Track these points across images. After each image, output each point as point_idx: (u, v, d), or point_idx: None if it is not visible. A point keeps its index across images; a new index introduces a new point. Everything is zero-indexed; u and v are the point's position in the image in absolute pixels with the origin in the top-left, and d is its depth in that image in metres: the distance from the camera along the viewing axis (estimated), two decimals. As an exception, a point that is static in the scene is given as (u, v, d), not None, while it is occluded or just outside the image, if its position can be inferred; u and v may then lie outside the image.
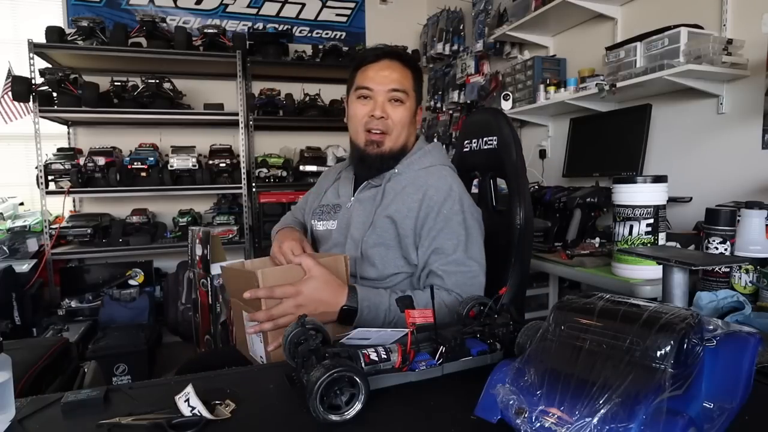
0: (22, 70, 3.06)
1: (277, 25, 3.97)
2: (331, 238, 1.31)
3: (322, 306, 1.02)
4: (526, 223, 1.31)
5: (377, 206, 1.24)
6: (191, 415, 0.64)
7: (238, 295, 1.10)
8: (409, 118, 1.26)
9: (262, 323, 0.99)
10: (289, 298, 0.99)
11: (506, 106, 2.86)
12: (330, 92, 3.83)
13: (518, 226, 1.30)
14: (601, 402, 0.52)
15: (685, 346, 0.54)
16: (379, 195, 1.25)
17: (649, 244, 1.44)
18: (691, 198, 2.01)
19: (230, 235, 3.47)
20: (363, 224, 1.24)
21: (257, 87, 3.70)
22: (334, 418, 0.63)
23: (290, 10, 4.03)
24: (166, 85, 3.33)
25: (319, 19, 4.11)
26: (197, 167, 3.38)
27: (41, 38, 3.07)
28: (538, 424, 0.55)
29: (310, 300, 1.01)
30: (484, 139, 1.45)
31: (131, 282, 3.27)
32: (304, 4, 4.05)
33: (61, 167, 3.12)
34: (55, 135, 3.46)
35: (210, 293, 2.11)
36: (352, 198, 1.31)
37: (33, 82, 3.02)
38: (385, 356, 0.73)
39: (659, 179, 1.47)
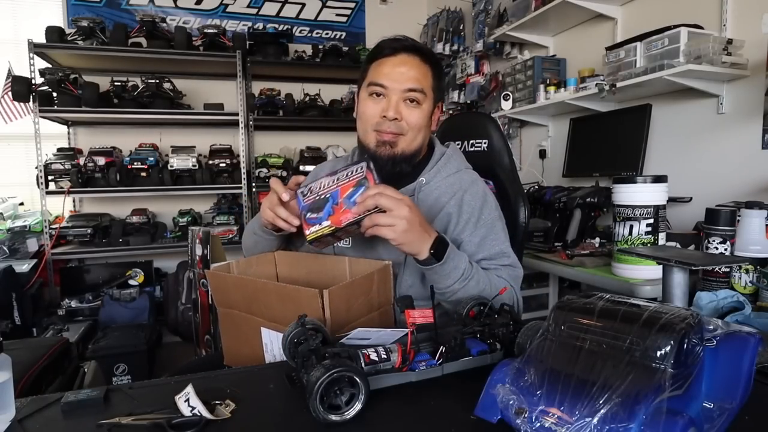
0: (22, 70, 3.05)
1: (277, 25, 3.97)
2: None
3: (423, 226, 0.97)
4: (525, 225, 1.34)
5: None
6: (191, 415, 0.63)
7: (231, 305, 1.06)
8: (426, 120, 1.17)
9: (365, 198, 0.93)
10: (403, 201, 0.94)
11: (506, 106, 2.86)
12: (330, 92, 3.84)
13: (522, 224, 1.33)
14: (601, 402, 0.52)
15: (685, 346, 0.54)
16: None
17: (649, 244, 1.45)
18: (691, 198, 2.01)
19: (230, 235, 3.47)
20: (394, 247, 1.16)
21: (257, 87, 3.70)
22: (334, 418, 0.63)
23: (290, 10, 4.03)
24: (166, 85, 3.33)
25: (319, 19, 4.11)
26: (197, 167, 3.37)
27: (41, 38, 3.07)
28: (538, 424, 0.55)
29: (417, 215, 0.96)
30: (471, 141, 1.45)
31: (131, 282, 3.27)
32: (304, 4, 4.05)
33: (61, 167, 3.12)
34: (55, 135, 3.46)
35: (210, 293, 2.11)
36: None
37: (33, 82, 3.02)
38: (385, 356, 0.73)
39: (659, 179, 1.47)
